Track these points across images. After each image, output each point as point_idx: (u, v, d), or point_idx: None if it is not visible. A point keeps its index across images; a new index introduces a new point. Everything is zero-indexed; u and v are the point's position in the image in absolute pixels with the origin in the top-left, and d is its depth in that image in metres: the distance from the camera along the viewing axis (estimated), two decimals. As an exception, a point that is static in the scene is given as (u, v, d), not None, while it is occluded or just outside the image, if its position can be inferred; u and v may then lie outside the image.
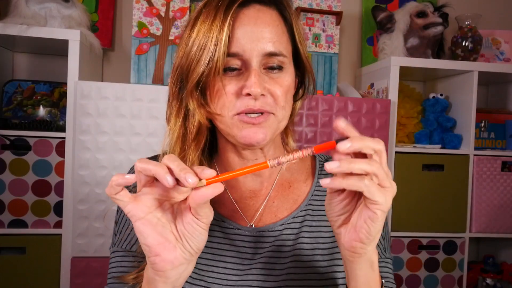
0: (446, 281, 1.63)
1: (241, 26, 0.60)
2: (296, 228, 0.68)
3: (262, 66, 0.61)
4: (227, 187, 0.71)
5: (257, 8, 0.61)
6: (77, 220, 1.34)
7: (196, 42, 0.59)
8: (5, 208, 1.36)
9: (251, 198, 0.70)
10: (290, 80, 0.63)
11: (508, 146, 1.79)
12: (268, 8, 0.62)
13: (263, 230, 0.67)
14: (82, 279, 1.35)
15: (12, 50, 1.65)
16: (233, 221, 0.68)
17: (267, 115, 0.60)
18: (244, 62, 0.60)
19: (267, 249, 0.66)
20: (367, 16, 1.90)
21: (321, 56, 1.68)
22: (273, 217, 0.69)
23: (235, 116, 0.60)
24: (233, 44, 0.59)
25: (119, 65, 1.77)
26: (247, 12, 0.61)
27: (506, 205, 1.66)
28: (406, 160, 1.59)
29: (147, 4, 1.58)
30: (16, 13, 1.39)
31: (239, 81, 0.60)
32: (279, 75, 0.61)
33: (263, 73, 0.61)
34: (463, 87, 1.70)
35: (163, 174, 0.45)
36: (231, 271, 0.65)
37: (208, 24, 0.59)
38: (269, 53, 0.60)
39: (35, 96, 1.55)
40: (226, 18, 0.58)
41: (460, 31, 1.72)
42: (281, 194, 0.71)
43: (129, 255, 0.67)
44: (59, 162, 1.38)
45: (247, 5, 0.61)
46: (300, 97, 0.72)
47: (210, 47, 0.58)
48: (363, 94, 1.74)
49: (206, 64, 0.58)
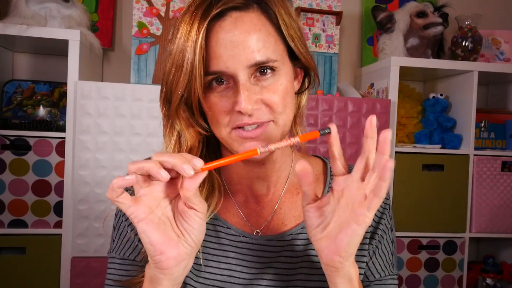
0: (446, 281, 1.63)
1: (220, 41, 0.55)
2: (305, 239, 0.65)
3: (252, 76, 0.56)
4: (232, 192, 0.69)
5: (234, 17, 0.56)
6: (77, 220, 1.34)
7: (174, 60, 0.56)
8: (5, 208, 1.36)
9: (257, 204, 0.68)
10: (286, 80, 0.59)
11: (508, 146, 1.79)
12: (246, 13, 0.56)
13: (270, 239, 0.65)
14: (82, 279, 1.35)
15: (12, 50, 1.65)
16: (239, 228, 0.66)
17: (266, 124, 0.58)
18: (231, 76, 0.56)
19: (274, 259, 0.64)
20: (367, 16, 1.90)
21: (321, 56, 1.68)
22: (280, 225, 0.67)
23: (233, 131, 0.58)
24: (214, 62, 0.55)
25: (119, 65, 1.77)
26: (224, 24, 0.55)
27: (506, 205, 1.66)
28: (406, 160, 1.59)
29: (147, 4, 1.58)
30: (16, 13, 1.39)
31: (229, 97, 0.57)
32: (272, 81, 0.57)
33: (254, 83, 0.57)
34: (463, 87, 1.70)
35: (157, 170, 0.46)
36: (237, 280, 0.63)
37: (183, 41, 0.55)
38: (255, 64, 0.55)
39: (35, 96, 1.55)
40: (198, 36, 0.53)
41: (460, 31, 1.72)
42: (289, 201, 0.68)
43: (126, 263, 0.67)
44: (59, 162, 1.38)
45: (223, 16, 0.55)
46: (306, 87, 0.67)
47: (186, 69, 0.54)
48: (363, 94, 1.74)
49: (184, 86, 0.55)
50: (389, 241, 0.69)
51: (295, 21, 0.60)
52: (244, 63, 0.55)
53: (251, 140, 0.58)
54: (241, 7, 0.56)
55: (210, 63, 0.55)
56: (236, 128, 0.58)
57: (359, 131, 1.47)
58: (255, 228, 0.66)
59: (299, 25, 0.61)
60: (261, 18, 0.57)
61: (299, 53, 0.61)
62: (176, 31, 0.56)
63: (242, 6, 0.56)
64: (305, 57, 0.62)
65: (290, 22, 0.59)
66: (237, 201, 0.68)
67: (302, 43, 0.61)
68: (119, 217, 0.70)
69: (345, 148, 1.46)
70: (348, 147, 1.47)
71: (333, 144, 0.50)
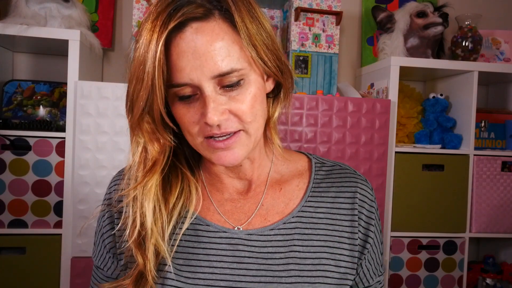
0: (446, 281, 1.63)
1: (181, 53, 0.53)
2: (288, 234, 0.65)
3: (218, 86, 0.55)
4: (211, 190, 0.69)
5: (195, 28, 0.54)
6: (77, 220, 1.34)
7: (135, 72, 0.54)
8: (5, 208, 1.36)
9: (238, 200, 0.68)
10: (255, 88, 0.57)
11: (508, 146, 1.79)
12: (207, 23, 0.54)
13: (251, 234, 0.65)
14: (82, 279, 1.35)
15: (12, 50, 1.65)
16: (219, 224, 0.66)
17: (237, 134, 0.57)
18: (197, 87, 0.55)
19: (256, 254, 0.64)
20: (367, 16, 1.90)
21: (321, 56, 1.68)
22: (263, 221, 0.66)
23: (204, 140, 0.58)
24: (178, 75, 0.54)
25: (119, 65, 1.76)
26: (184, 35, 0.53)
27: (506, 205, 1.66)
28: (406, 160, 1.59)
29: (147, 4, 1.58)
30: (16, 13, 1.39)
31: (197, 108, 0.56)
32: (240, 90, 0.56)
33: (221, 93, 0.55)
34: (463, 87, 1.70)
35: None
36: (219, 276, 0.63)
37: (143, 52, 0.53)
38: (219, 74, 0.54)
39: (35, 96, 1.55)
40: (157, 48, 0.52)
41: (460, 31, 1.72)
42: (271, 197, 0.68)
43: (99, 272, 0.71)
44: (59, 162, 1.38)
45: (183, 27, 0.54)
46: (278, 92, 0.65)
47: (147, 82, 0.53)
48: (363, 94, 1.74)
49: (145, 100, 0.54)
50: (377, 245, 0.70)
51: (262, 27, 0.57)
52: (208, 74, 0.54)
53: (222, 150, 0.58)
54: (201, 17, 0.54)
55: (173, 76, 0.54)
56: (208, 138, 0.57)
57: (359, 131, 1.47)
58: (237, 225, 0.66)
59: (267, 29, 0.58)
60: (223, 27, 0.55)
61: (261, 62, 0.58)
62: (139, 37, 0.55)
63: (203, 16, 0.54)
64: (268, 65, 0.58)
65: (254, 29, 0.56)
66: (218, 199, 0.68)
67: (268, 50, 0.58)
68: (100, 222, 0.71)
69: (345, 148, 1.46)
70: (348, 147, 1.47)
71: None
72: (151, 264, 0.60)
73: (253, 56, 0.57)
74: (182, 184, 0.65)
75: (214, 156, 0.59)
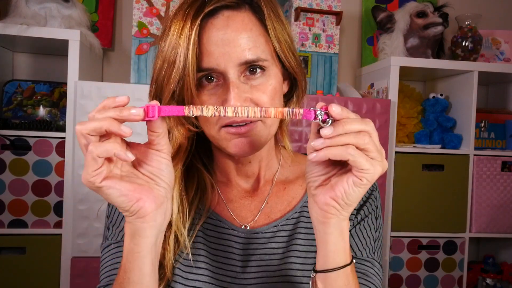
0: (446, 281, 1.63)
1: (211, 38, 0.56)
2: (290, 230, 0.67)
3: (242, 74, 0.58)
4: (221, 187, 0.71)
5: (226, 15, 0.57)
6: (77, 220, 1.34)
7: (166, 57, 0.56)
8: (5, 208, 1.36)
9: (246, 198, 0.70)
10: (275, 82, 0.60)
11: (508, 146, 1.79)
12: (238, 12, 0.58)
13: (256, 232, 0.67)
14: (82, 279, 1.35)
15: (12, 50, 1.65)
16: (229, 221, 0.68)
17: (254, 124, 0.58)
18: (221, 73, 0.57)
19: (260, 251, 0.66)
20: (367, 16, 1.90)
21: (321, 56, 1.68)
22: (266, 218, 0.68)
23: (222, 129, 0.59)
24: (206, 59, 0.56)
25: (119, 65, 1.76)
26: (216, 22, 0.56)
27: (506, 205, 1.66)
28: (406, 160, 1.59)
29: (147, 4, 1.58)
30: (16, 13, 1.39)
31: (219, 95, 0.58)
32: (261, 80, 0.58)
33: (243, 82, 0.58)
34: (463, 87, 1.70)
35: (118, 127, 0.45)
36: (226, 272, 0.64)
37: (176, 37, 0.55)
38: (246, 62, 0.56)
39: (35, 96, 1.55)
40: (191, 32, 0.54)
41: (460, 31, 1.72)
42: (275, 195, 0.70)
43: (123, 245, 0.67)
44: (59, 162, 1.38)
45: (215, 14, 0.57)
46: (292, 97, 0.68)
47: (179, 65, 0.55)
48: (363, 94, 1.74)
49: (176, 82, 0.56)
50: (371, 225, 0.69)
51: (285, 28, 0.61)
52: (234, 61, 0.56)
53: (240, 136, 0.59)
54: (233, 6, 0.57)
55: (201, 60, 0.56)
56: (225, 126, 0.58)
57: (359, 131, 1.47)
58: (243, 223, 0.68)
59: (289, 33, 0.62)
60: (252, 19, 0.58)
61: (283, 56, 0.61)
62: (168, 29, 0.57)
63: (235, 5, 0.57)
64: (289, 61, 0.61)
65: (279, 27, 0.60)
66: (227, 197, 0.70)
67: (289, 49, 0.61)
68: (112, 206, 0.70)
69: (345, 148, 1.46)
70: (348, 147, 1.46)
71: None
72: (170, 254, 0.61)
73: (277, 50, 0.60)
74: (198, 179, 0.67)
75: (230, 144, 0.59)
